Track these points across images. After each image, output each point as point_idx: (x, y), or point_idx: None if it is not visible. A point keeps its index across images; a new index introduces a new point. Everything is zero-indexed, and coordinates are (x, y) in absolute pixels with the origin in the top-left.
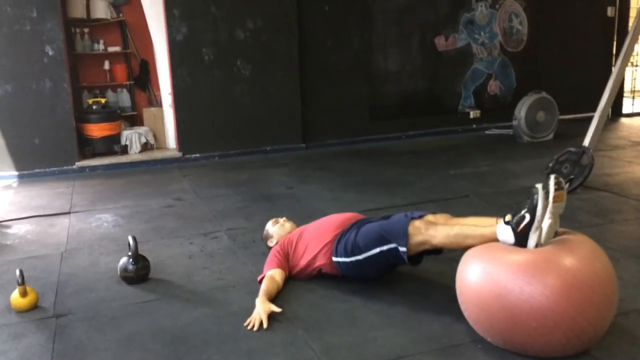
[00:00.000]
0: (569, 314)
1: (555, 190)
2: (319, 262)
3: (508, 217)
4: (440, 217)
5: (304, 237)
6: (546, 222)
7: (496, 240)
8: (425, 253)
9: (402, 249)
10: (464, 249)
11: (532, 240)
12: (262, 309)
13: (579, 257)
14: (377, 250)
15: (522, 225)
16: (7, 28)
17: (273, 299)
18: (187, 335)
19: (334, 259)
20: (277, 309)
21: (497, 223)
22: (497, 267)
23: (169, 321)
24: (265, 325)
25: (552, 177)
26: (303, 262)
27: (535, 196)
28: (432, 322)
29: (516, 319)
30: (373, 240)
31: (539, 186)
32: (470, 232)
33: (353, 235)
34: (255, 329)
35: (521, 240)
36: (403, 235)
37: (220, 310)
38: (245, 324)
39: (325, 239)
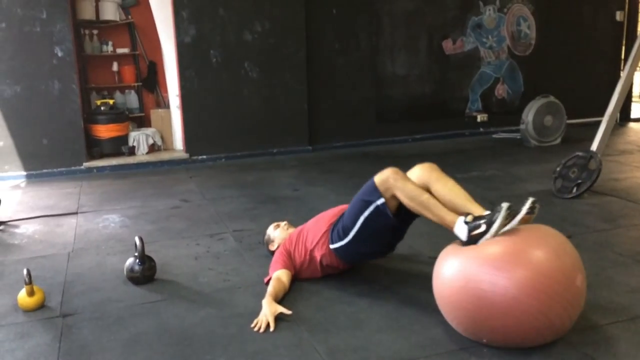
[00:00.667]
0: (535, 306)
1: (527, 214)
2: (318, 253)
3: (469, 218)
4: (423, 169)
5: (303, 233)
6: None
7: (452, 229)
8: (406, 214)
9: (380, 201)
10: (420, 215)
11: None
12: (268, 310)
13: (547, 250)
14: (363, 218)
15: (475, 232)
16: (17, 29)
17: (279, 300)
18: (192, 336)
19: (332, 246)
20: (285, 311)
21: (458, 217)
22: (468, 261)
23: (174, 322)
24: (272, 327)
25: (530, 200)
26: (304, 257)
27: (497, 214)
28: (438, 326)
29: (488, 309)
30: (356, 211)
31: (505, 205)
32: (434, 209)
33: (342, 220)
34: (261, 330)
35: (471, 243)
36: (375, 190)
37: (225, 311)
38: (252, 325)
39: (322, 230)
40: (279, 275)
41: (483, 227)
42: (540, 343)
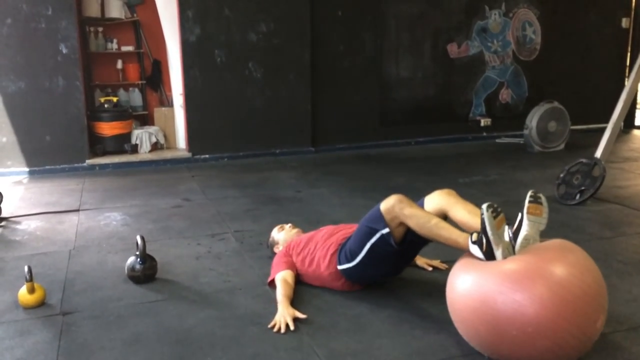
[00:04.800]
0: (555, 324)
1: (530, 202)
2: (326, 271)
3: (474, 237)
4: (442, 194)
5: (310, 246)
6: (522, 234)
7: (468, 250)
8: (412, 242)
9: (385, 230)
10: (433, 241)
11: (499, 255)
12: (286, 311)
13: (569, 266)
14: (369, 245)
15: (484, 246)
16: (22, 25)
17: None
18: (192, 337)
19: (339, 267)
20: (300, 315)
21: (468, 237)
22: (485, 276)
23: (174, 322)
24: (291, 327)
25: (529, 193)
26: (309, 270)
27: (482, 216)
28: (440, 332)
29: (501, 328)
30: (362, 237)
31: (484, 207)
32: (444, 233)
33: (349, 242)
34: (282, 331)
35: (489, 257)
36: (380, 218)
37: (226, 312)
38: (270, 326)
39: (330, 250)
40: (284, 277)
41: (484, 239)
42: None
